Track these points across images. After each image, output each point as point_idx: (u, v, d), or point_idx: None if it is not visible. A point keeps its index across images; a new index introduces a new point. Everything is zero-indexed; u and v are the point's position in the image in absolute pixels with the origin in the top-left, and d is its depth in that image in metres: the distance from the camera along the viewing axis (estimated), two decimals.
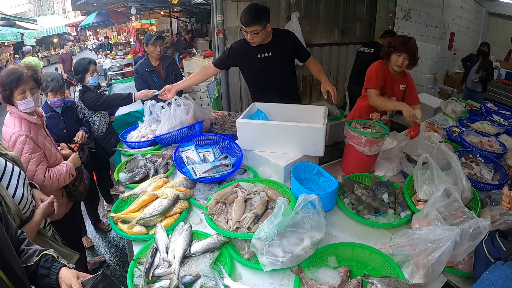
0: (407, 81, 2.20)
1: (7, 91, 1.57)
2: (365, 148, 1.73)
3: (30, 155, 1.60)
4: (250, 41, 2.11)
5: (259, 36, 2.08)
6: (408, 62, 2.05)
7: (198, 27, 10.11)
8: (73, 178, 1.81)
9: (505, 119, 2.79)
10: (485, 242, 1.11)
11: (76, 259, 1.39)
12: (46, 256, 0.94)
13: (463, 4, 7.36)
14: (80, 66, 2.51)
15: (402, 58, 2.04)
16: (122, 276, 2.41)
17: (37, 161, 1.62)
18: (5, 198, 1.17)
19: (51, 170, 1.69)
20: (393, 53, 2.07)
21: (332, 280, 1.12)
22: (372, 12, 4.94)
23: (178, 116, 2.19)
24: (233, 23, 3.74)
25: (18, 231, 1.02)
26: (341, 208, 1.56)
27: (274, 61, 2.20)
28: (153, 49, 2.84)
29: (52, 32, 13.96)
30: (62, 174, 1.71)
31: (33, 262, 0.93)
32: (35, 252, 0.95)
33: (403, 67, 2.08)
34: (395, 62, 2.07)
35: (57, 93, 2.16)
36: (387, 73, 2.12)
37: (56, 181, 1.68)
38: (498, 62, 7.41)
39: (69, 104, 2.32)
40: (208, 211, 1.42)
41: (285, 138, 1.78)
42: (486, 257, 1.07)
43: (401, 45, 2.03)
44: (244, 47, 2.22)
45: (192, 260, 1.22)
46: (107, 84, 6.31)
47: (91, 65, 2.53)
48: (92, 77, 2.54)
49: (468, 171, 1.82)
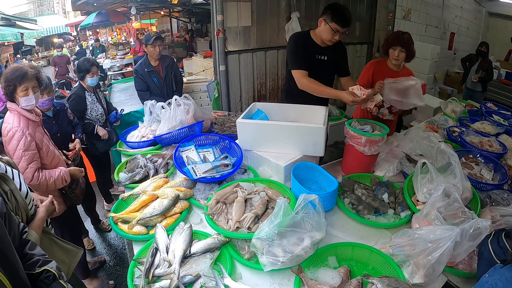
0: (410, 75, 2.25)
1: (11, 86, 1.63)
2: (365, 148, 1.73)
3: (23, 152, 1.63)
4: (334, 40, 2.03)
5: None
6: (405, 55, 2.18)
7: (198, 27, 10.11)
8: (66, 184, 1.81)
9: (505, 119, 2.79)
10: (491, 241, 1.10)
11: (81, 255, 1.40)
12: (48, 273, 0.95)
13: (463, 4, 7.35)
14: (83, 66, 2.54)
15: (397, 51, 2.18)
16: (122, 276, 2.41)
17: (29, 159, 1.65)
18: (14, 192, 1.18)
19: (42, 171, 1.70)
20: (389, 48, 2.22)
21: (332, 280, 1.12)
22: (372, 12, 4.94)
23: (178, 116, 2.19)
24: (233, 23, 3.74)
25: (21, 225, 1.02)
26: (341, 208, 1.56)
27: (326, 66, 2.17)
28: (152, 50, 2.84)
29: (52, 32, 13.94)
30: (53, 177, 1.72)
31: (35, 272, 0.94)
32: (37, 262, 0.96)
33: (400, 60, 2.21)
34: (392, 56, 2.22)
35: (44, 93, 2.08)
36: (385, 69, 2.25)
37: (44, 183, 1.69)
38: (498, 62, 7.40)
39: (59, 107, 2.29)
40: (208, 211, 1.42)
41: (285, 138, 1.78)
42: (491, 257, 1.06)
43: (394, 39, 2.20)
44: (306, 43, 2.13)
45: (192, 260, 1.22)
46: (107, 84, 6.31)
47: (93, 67, 2.56)
48: (91, 78, 2.56)
49: (468, 171, 1.82)
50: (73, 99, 2.55)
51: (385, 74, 2.19)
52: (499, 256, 1.04)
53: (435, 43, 5.88)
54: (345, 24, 1.98)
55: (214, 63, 3.93)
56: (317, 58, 2.15)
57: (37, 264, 0.95)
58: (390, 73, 2.22)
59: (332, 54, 2.15)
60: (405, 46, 2.16)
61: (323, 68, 2.15)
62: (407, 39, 2.17)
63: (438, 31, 6.46)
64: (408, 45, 2.17)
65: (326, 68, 2.17)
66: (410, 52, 2.18)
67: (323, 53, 2.14)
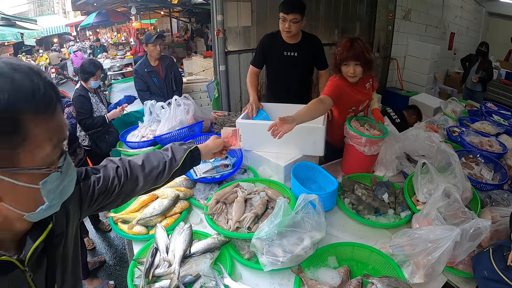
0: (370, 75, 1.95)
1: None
2: (365, 148, 1.73)
3: None
4: (287, 30, 2.07)
5: (297, 27, 2.06)
6: (362, 68, 1.75)
7: (198, 27, 10.12)
8: None
9: (505, 119, 2.78)
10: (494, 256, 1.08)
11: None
12: (192, 152, 1.08)
13: (463, 4, 7.35)
14: (88, 68, 2.53)
15: (351, 67, 1.74)
16: (122, 276, 2.41)
17: None
18: None
19: None
20: (341, 66, 1.77)
21: (332, 280, 1.12)
22: (372, 12, 4.93)
23: (178, 116, 2.19)
24: (233, 23, 3.74)
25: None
26: (341, 208, 1.56)
27: (298, 62, 2.21)
28: (153, 49, 2.84)
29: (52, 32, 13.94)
30: None
31: (179, 164, 1.03)
32: (174, 158, 1.04)
33: (358, 75, 1.78)
34: (347, 74, 1.78)
35: None
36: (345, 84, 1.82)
37: None
38: (498, 62, 7.40)
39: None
40: (208, 211, 1.42)
41: (285, 138, 1.77)
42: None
43: (344, 53, 1.72)
44: (274, 41, 2.21)
45: (192, 260, 1.22)
46: (107, 84, 6.31)
47: (99, 71, 2.58)
48: (95, 81, 2.57)
49: (468, 171, 1.81)
50: (79, 99, 2.54)
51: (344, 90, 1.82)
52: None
53: (435, 43, 5.88)
54: (287, 9, 2.00)
55: (214, 63, 3.93)
56: (285, 55, 2.20)
57: (175, 161, 1.07)
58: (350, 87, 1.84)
59: (303, 49, 2.18)
60: (360, 57, 1.70)
61: (293, 64, 2.21)
62: (359, 48, 1.70)
63: (438, 31, 6.46)
64: (362, 55, 1.70)
65: (297, 64, 2.22)
66: (367, 62, 1.74)
67: (292, 50, 2.18)
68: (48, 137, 0.51)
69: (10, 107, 0.46)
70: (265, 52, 2.27)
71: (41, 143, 0.50)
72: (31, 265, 0.59)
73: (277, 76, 2.37)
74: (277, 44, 2.20)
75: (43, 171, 0.52)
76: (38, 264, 0.62)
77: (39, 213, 0.56)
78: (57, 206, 0.59)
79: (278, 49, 2.21)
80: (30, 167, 0.50)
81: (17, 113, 0.47)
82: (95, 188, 0.82)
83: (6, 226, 0.57)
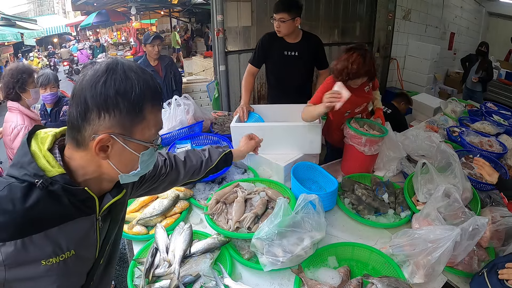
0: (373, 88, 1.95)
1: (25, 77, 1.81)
2: (365, 148, 1.73)
3: None
4: (277, 29, 2.09)
5: (286, 26, 2.06)
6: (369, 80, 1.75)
7: (198, 27, 10.12)
8: None
9: (505, 119, 2.78)
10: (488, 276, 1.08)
11: None
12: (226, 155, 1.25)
13: (463, 4, 7.35)
14: None
15: (360, 80, 1.69)
16: (122, 276, 2.41)
17: None
18: None
19: None
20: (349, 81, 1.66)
21: (332, 280, 1.12)
22: (372, 12, 4.93)
23: (178, 116, 2.19)
24: (233, 23, 3.74)
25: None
26: (341, 208, 1.56)
27: (298, 62, 2.21)
28: (151, 49, 2.85)
29: (52, 32, 13.95)
30: None
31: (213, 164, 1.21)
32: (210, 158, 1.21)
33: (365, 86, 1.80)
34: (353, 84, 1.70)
35: (47, 88, 2.16)
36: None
37: None
38: (498, 62, 7.39)
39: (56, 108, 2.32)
40: (208, 211, 1.42)
41: (282, 138, 1.79)
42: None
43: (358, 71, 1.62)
44: (274, 40, 2.22)
45: (192, 260, 1.22)
46: None
47: None
48: None
49: (468, 171, 1.82)
50: None
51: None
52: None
53: (435, 43, 5.88)
54: (275, 9, 2.03)
55: (214, 63, 3.93)
56: (285, 54, 2.21)
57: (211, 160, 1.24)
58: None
59: (304, 48, 2.18)
60: (371, 72, 1.66)
61: (294, 64, 2.21)
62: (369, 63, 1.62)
63: (438, 31, 6.46)
64: (373, 69, 1.65)
65: (297, 63, 2.22)
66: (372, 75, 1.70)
67: (292, 49, 2.19)
68: (154, 123, 0.69)
69: (141, 95, 0.64)
70: (265, 51, 2.27)
71: (150, 126, 0.68)
72: (102, 217, 0.74)
73: (277, 76, 2.38)
74: (277, 44, 2.21)
75: (147, 145, 0.69)
76: (105, 220, 0.77)
77: (130, 176, 0.72)
78: (140, 175, 0.74)
79: (279, 49, 2.22)
80: (140, 140, 0.67)
81: (144, 101, 0.64)
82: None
83: (99, 183, 0.71)
